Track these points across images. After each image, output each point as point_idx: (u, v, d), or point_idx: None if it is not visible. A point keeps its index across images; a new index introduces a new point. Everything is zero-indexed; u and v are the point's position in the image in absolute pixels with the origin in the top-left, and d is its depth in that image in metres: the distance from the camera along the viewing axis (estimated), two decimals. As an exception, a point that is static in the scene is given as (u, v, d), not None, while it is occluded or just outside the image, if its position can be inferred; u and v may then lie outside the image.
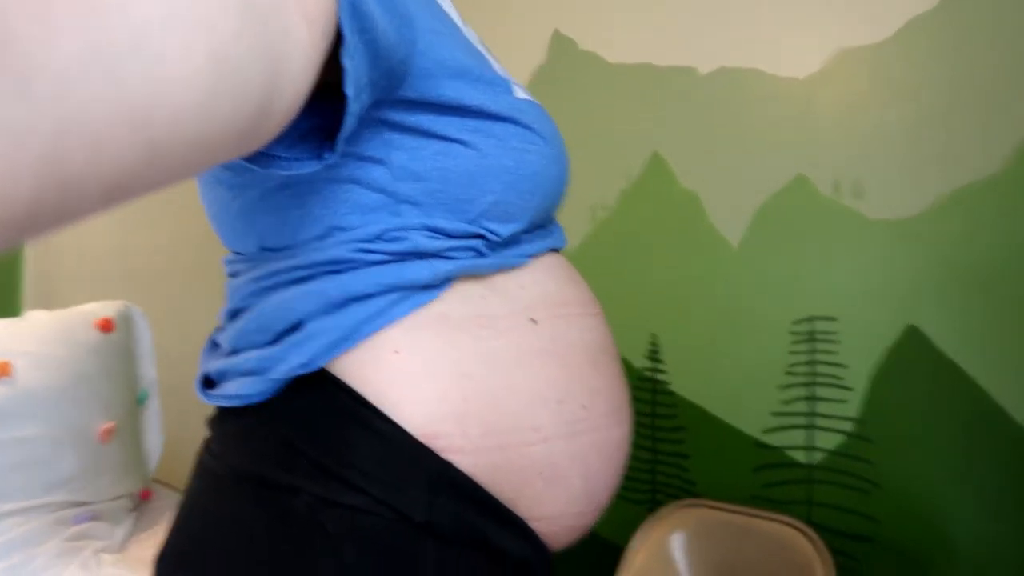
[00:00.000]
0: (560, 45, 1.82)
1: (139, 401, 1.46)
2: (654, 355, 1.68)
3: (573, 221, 1.71)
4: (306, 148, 0.46)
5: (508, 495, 0.52)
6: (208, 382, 0.59)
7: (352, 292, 0.50)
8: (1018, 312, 1.27)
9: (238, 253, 0.58)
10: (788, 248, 1.52)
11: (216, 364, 0.56)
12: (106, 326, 1.34)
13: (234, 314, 0.57)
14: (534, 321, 0.54)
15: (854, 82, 1.44)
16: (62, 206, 0.26)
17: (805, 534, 1.29)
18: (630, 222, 1.71)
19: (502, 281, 0.55)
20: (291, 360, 0.50)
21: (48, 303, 1.91)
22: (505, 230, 0.54)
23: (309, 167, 0.45)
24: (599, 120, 1.74)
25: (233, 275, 0.59)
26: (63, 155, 0.24)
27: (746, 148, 1.57)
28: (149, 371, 1.47)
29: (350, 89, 0.41)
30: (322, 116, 0.46)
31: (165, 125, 0.27)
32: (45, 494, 1.15)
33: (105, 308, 1.38)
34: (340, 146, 0.44)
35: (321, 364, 0.50)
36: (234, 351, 0.55)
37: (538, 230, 0.60)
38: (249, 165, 0.46)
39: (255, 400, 0.52)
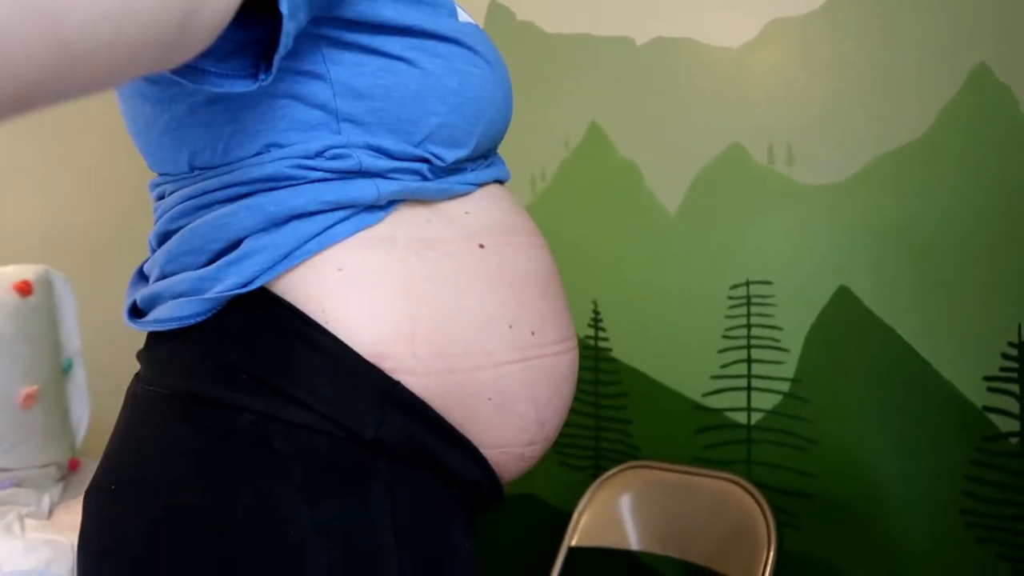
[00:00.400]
0: (497, 15, 1.81)
1: (64, 370, 1.38)
2: (596, 322, 1.70)
3: (513, 190, 1.71)
4: (238, 63, 0.43)
5: (458, 420, 0.51)
6: (136, 312, 0.55)
7: (293, 209, 0.48)
8: (943, 271, 1.33)
9: (165, 174, 0.55)
10: (724, 215, 1.55)
11: (144, 291, 0.53)
12: (24, 288, 1.26)
13: (163, 237, 0.53)
14: (482, 246, 0.53)
15: (785, 51, 1.48)
16: None
17: (746, 489, 1.32)
18: (570, 191, 1.72)
19: (447, 207, 0.54)
20: (228, 280, 0.48)
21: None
22: (450, 155, 0.53)
23: (242, 86, 0.43)
24: (538, 90, 1.74)
25: (160, 198, 0.55)
26: None
27: (683, 117, 1.60)
28: (73, 339, 1.39)
29: (284, 7, 0.39)
30: (256, 29, 0.43)
31: (77, 24, 0.26)
32: (-39, 458, 1.08)
33: (23, 271, 1.30)
34: (275, 67, 0.42)
35: (261, 283, 0.48)
36: (163, 275, 0.52)
37: (482, 160, 0.59)
38: (176, 78, 0.43)
39: (189, 322, 0.49)
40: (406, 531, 0.48)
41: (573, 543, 1.42)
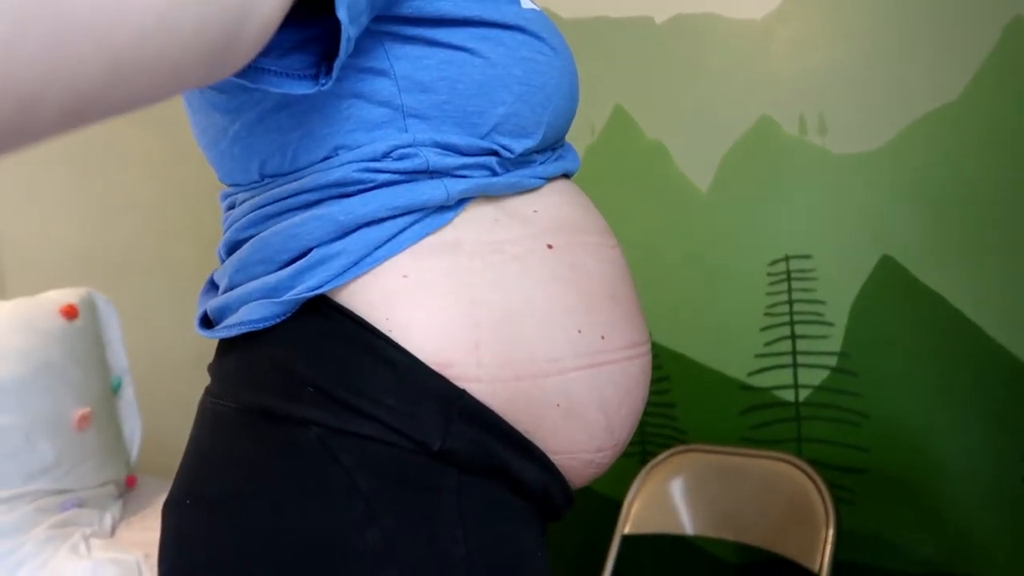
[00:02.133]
0: (514, 4, 1.79)
1: (113, 389, 1.41)
2: (634, 308, 1.68)
3: (541, 181, 1.70)
4: (298, 61, 0.43)
5: (525, 427, 0.50)
6: (207, 323, 0.55)
7: (363, 216, 0.47)
8: (990, 234, 1.29)
9: (235, 185, 0.55)
10: (758, 190, 1.53)
11: (214, 302, 0.53)
12: (70, 312, 1.29)
13: (232, 247, 0.53)
14: (550, 247, 0.52)
15: (810, 19, 1.45)
16: (17, 124, 0.25)
17: (800, 468, 1.30)
18: (598, 176, 1.70)
19: (516, 204, 0.53)
20: (299, 286, 0.48)
21: (2, 296, 1.84)
22: (519, 145, 0.52)
23: (302, 88, 0.43)
24: (560, 77, 1.72)
25: (229, 208, 0.56)
26: (17, 67, 0.23)
27: (709, 93, 1.57)
28: (120, 358, 1.42)
29: (343, 13, 0.39)
30: (314, 27, 0.43)
31: (125, 38, 0.26)
32: (25, 483, 1.11)
33: (67, 295, 1.33)
34: (335, 73, 0.42)
35: (330, 288, 0.47)
36: (233, 285, 0.52)
37: (550, 152, 0.57)
38: (240, 81, 0.43)
39: (259, 326, 0.49)
40: (477, 543, 0.47)
41: (626, 531, 1.41)
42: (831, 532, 1.20)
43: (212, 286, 0.57)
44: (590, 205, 0.59)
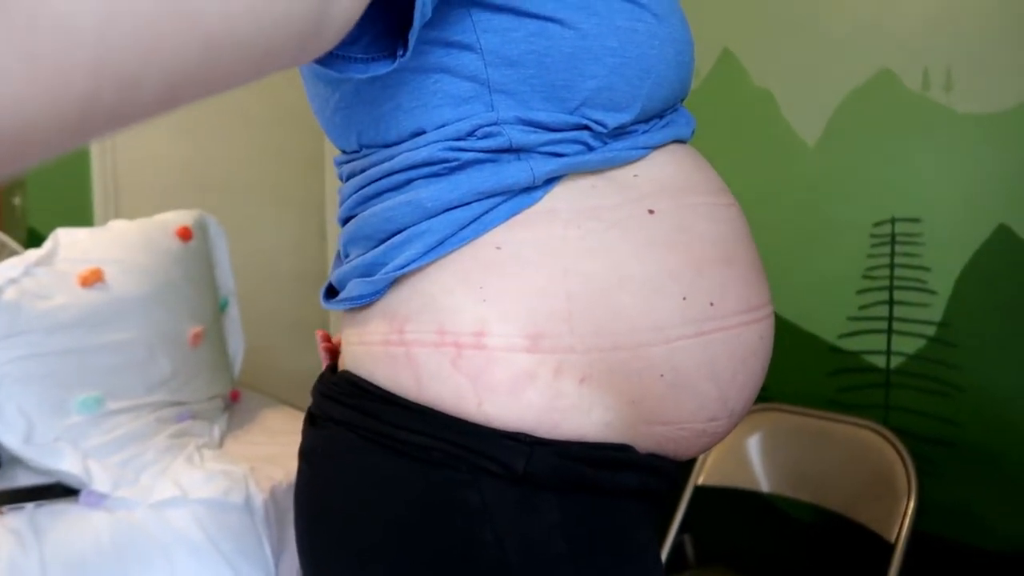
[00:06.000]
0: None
1: (221, 308, 1.50)
2: (726, 261, 1.65)
3: (640, 125, 1.66)
4: (381, 44, 0.44)
5: (630, 398, 0.49)
6: (332, 291, 0.59)
7: (450, 203, 0.48)
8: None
9: (344, 152, 0.58)
10: (869, 146, 1.46)
11: (337, 273, 0.57)
12: (185, 234, 1.36)
13: (345, 221, 0.57)
14: (651, 212, 0.50)
15: (948, -36, 1.35)
16: (118, 106, 0.26)
17: (885, 437, 1.28)
18: (700, 124, 1.64)
19: (614, 170, 0.51)
20: (390, 264, 0.50)
21: (117, 213, 1.95)
22: (613, 120, 0.50)
23: (383, 67, 0.44)
24: (668, 16, 1.66)
25: (343, 179, 0.58)
26: (116, 49, 0.25)
27: (824, 41, 1.49)
28: (228, 279, 1.50)
29: None
30: (392, 14, 0.43)
31: (216, 20, 0.27)
32: (147, 394, 1.20)
33: (182, 217, 1.40)
34: (412, 45, 0.42)
35: (417, 266, 0.49)
36: (346, 256, 0.56)
37: (656, 120, 0.54)
38: (326, 70, 0.44)
39: (358, 303, 0.52)
40: (584, 554, 0.49)
41: (700, 482, 1.42)
42: (912, 504, 1.19)
43: (338, 255, 0.60)
44: (702, 163, 0.57)
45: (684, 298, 0.49)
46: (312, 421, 0.57)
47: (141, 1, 0.25)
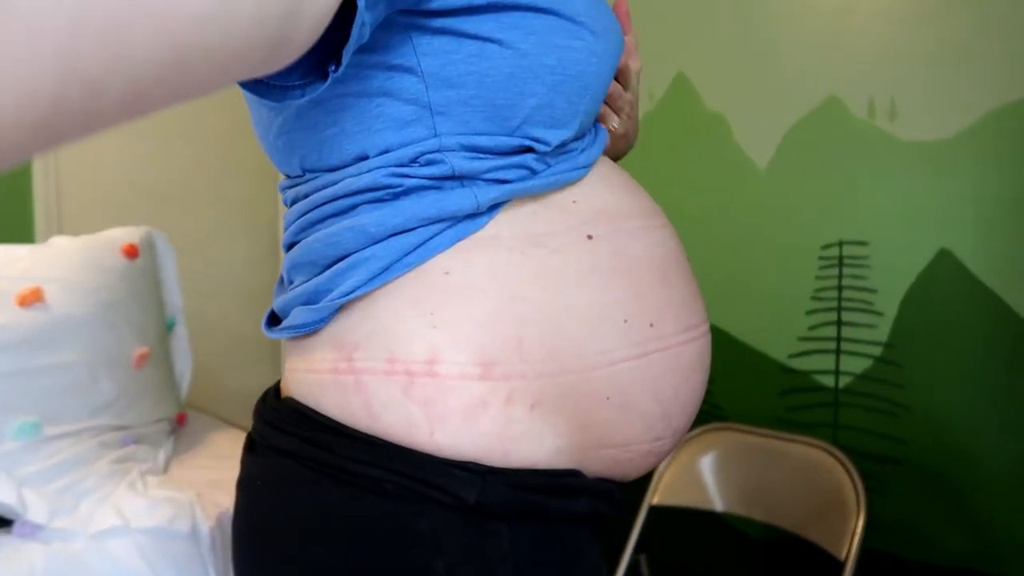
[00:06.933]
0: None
1: (168, 328, 1.45)
2: (680, 281, 1.67)
3: (596, 146, 1.68)
4: (322, 72, 0.43)
5: (580, 422, 0.50)
6: (274, 319, 0.57)
7: (394, 228, 0.48)
8: (1056, 234, 1.26)
9: (288, 176, 0.57)
10: (818, 171, 1.49)
11: (280, 300, 0.56)
12: (131, 252, 1.32)
13: (289, 247, 0.56)
14: (590, 237, 0.50)
15: (891, -2, 1.39)
16: (84, 110, 0.25)
17: (834, 456, 1.30)
18: (654, 146, 1.67)
19: (554, 196, 0.52)
20: (335, 291, 0.49)
21: (60, 229, 1.89)
22: (554, 137, 0.50)
23: (319, 87, 0.43)
24: (624, 40, 1.68)
25: (288, 204, 0.57)
26: (83, 51, 0.24)
27: (776, 67, 1.53)
28: (175, 297, 1.46)
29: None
30: (339, 38, 0.42)
31: (183, 23, 0.27)
32: (89, 418, 1.15)
33: (129, 234, 1.36)
34: (346, 58, 0.41)
35: (362, 293, 0.48)
36: (290, 282, 0.55)
37: (591, 134, 0.55)
38: (266, 102, 0.44)
39: (301, 331, 0.52)
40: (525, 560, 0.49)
41: (654, 501, 1.43)
42: (860, 522, 1.21)
43: (281, 281, 0.59)
44: (634, 186, 0.58)
45: (625, 321, 0.50)
46: (251, 447, 0.55)
47: (109, 4, 0.24)
